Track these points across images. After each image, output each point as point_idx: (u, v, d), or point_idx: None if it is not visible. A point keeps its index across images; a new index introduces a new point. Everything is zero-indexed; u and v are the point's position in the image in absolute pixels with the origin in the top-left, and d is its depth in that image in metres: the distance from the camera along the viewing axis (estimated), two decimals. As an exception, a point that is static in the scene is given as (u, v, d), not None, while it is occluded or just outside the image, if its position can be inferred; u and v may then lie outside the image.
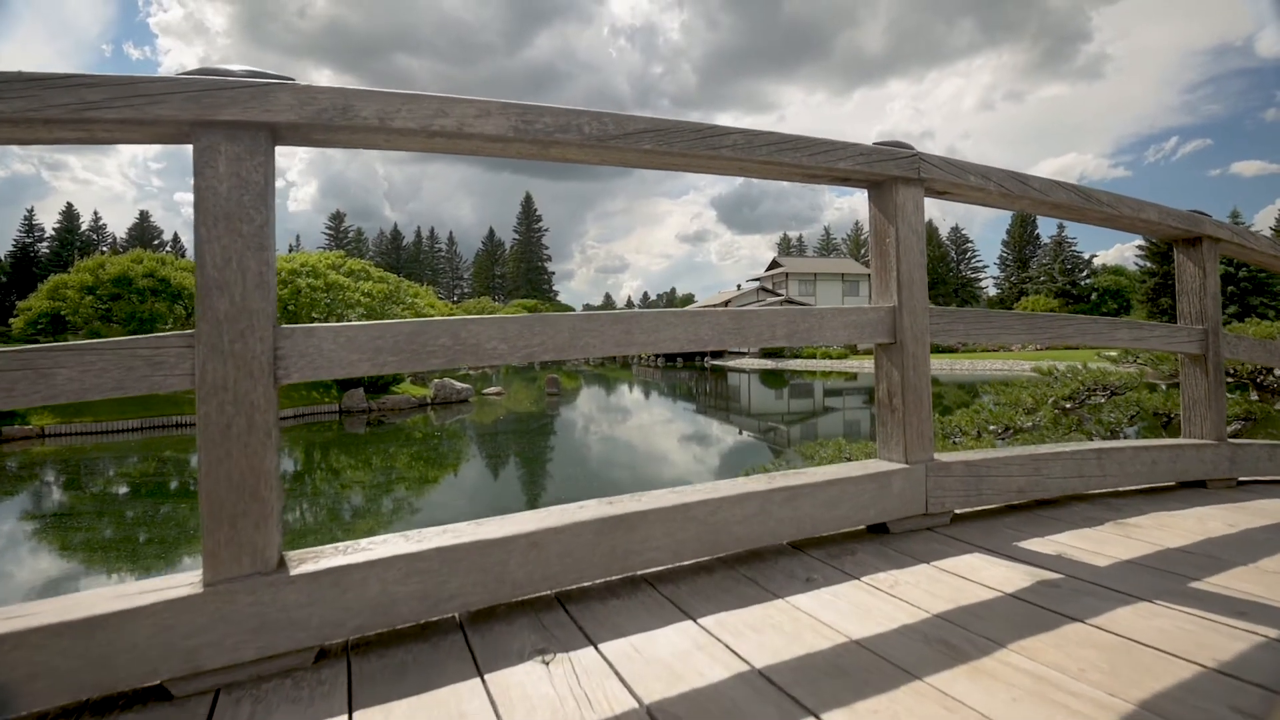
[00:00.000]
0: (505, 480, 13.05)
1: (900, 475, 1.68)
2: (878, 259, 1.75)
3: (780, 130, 1.52)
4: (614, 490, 8.39)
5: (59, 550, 8.76)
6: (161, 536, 9.25)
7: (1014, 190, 1.90)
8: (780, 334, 1.55)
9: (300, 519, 10.48)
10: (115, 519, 10.07)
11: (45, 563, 8.21)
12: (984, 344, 4.03)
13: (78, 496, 11.72)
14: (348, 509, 11.27)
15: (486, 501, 11.02)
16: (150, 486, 12.21)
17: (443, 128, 1.20)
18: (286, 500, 11.47)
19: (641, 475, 14.69)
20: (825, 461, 5.26)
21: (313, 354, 1.15)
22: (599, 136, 1.32)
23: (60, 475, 13.75)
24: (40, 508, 11.02)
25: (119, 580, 8.03)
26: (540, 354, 1.30)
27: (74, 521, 9.75)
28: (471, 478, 13.34)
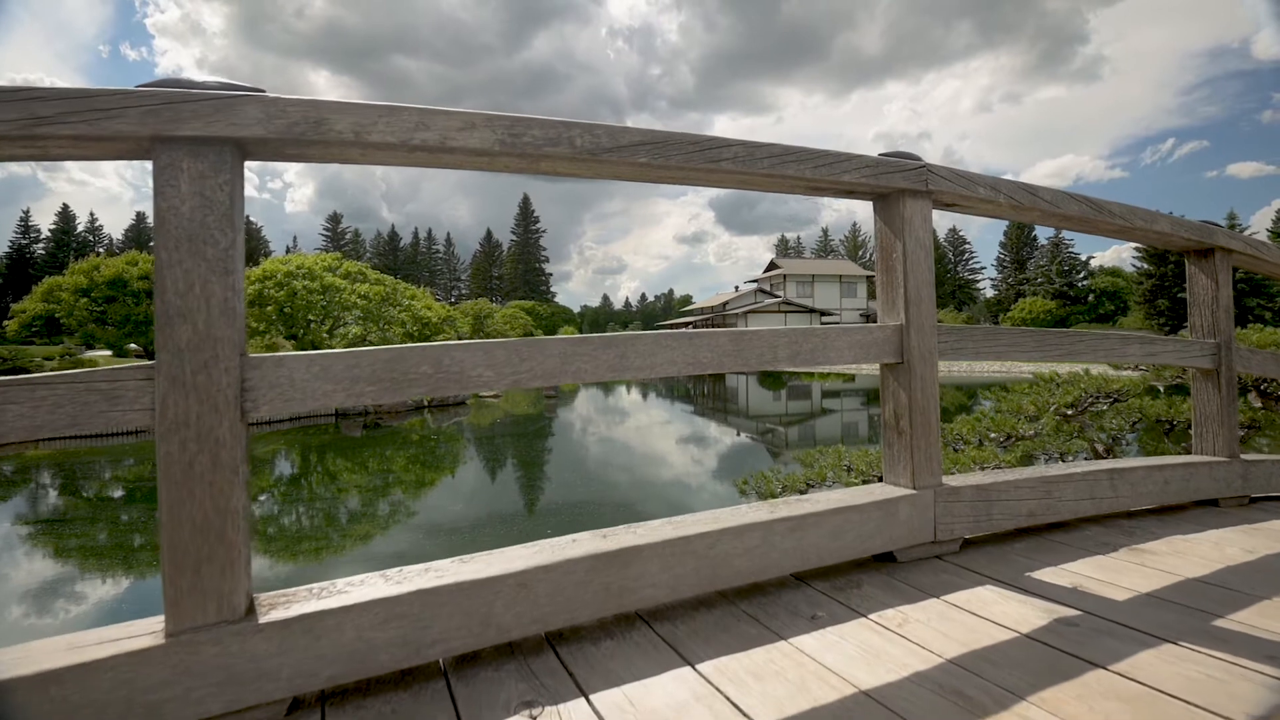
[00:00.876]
0: (503, 483, 12.97)
1: (908, 502, 1.61)
2: (883, 274, 1.68)
3: (783, 142, 1.44)
4: (612, 491, 8.38)
5: (53, 555, 8.67)
6: (155, 543, 9.16)
7: (1024, 202, 1.83)
8: (783, 355, 1.48)
9: (296, 523, 10.39)
10: (110, 524, 9.97)
11: (39, 566, 8.11)
12: (991, 360, 4.00)
13: (72, 501, 11.61)
14: (344, 513, 11.19)
15: (484, 504, 10.94)
16: (145, 490, 12.09)
17: (424, 141, 1.12)
18: (283, 504, 11.37)
19: (640, 477, 14.61)
20: (825, 469, 5.19)
21: (283, 385, 1.08)
22: (591, 150, 1.25)
23: (55, 479, 13.63)
24: (35, 512, 10.90)
25: (113, 581, 7.96)
26: (529, 380, 1.23)
27: (68, 528, 9.65)
28: (469, 481, 13.25)
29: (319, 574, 8.21)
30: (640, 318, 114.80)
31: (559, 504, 11.98)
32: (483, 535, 9.32)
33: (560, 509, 11.49)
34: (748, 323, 52.02)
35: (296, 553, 9.02)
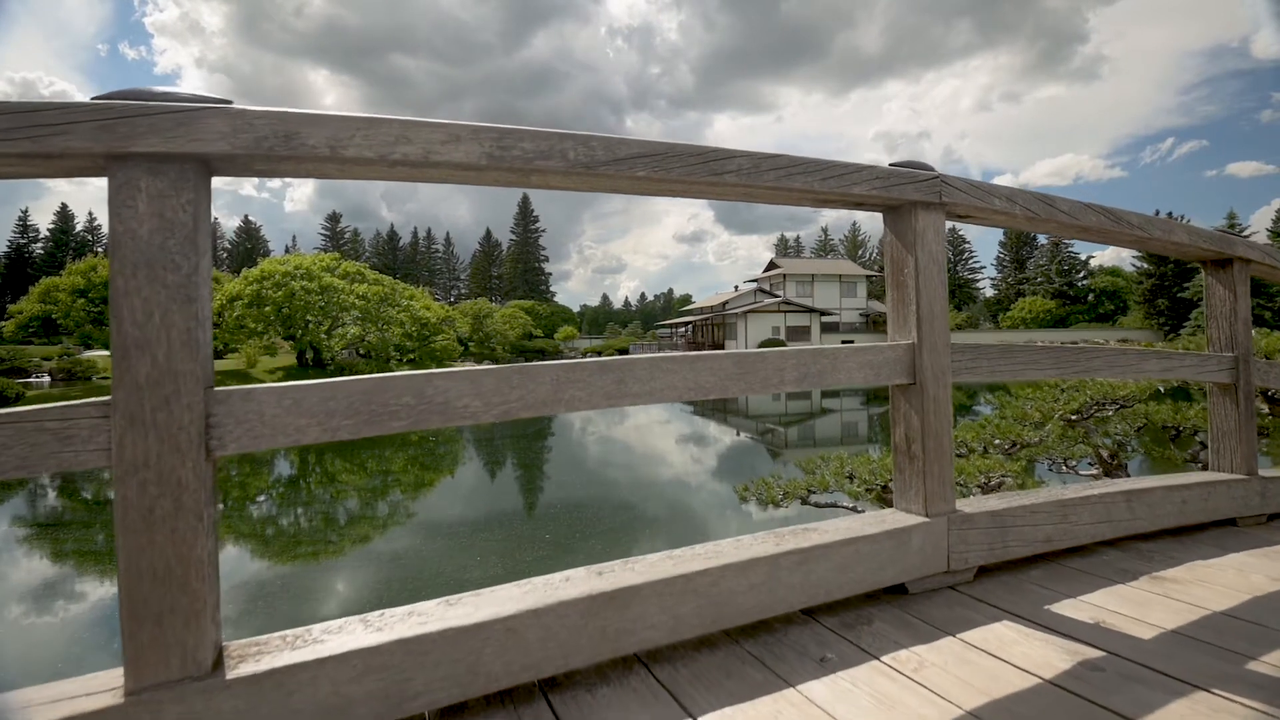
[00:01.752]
0: (502, 483, 12.88)
1: (920, 531, 1.53)
2: (894, 290, 1.60)
3: (790, 153, 1.36)
4: (612, 490, 8.28)
5: (51, 557, 8.61)
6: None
7: (1040, 213, 1.75)
8: (790, 378, 1.40)
9: (294, 525, 10.30)
10: (106, 526, 9.89)
11: (40, 567, 8.04)
12: (1007, 380, 3.91)
13: (69, 503, 11.53)
14: (342, 514, 11.11)
15: (484, 505, 10.86)
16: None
17: (405, 156, 1.04)
18: (281, 507, 11.29)
19: (639, 477, 14.53)
20: (827, 476, 5.10)
21: (252, 420, 1.00)
22: (586, 163, 1.17)
23: (52, 479, 13.54)
24: (33, 514, 10.81)
25: (110, 582, 7.85)
26: (519, 411, 1.15)
27: (64, 532, 9.56)
28: (469, 481, 13.17)
29: (319, 576, 8.16)
30: (640, 317, 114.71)
31: (559, 504, 11.91)
32: (482, 537, 9.26)
33: (561, 510, 11.42)
34: (747, 322, 51.94)
35: (295, 555, 8.95)
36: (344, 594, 7.49)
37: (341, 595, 7.48)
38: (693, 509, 11.46)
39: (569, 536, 8.57)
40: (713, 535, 9.83)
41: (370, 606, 4.59)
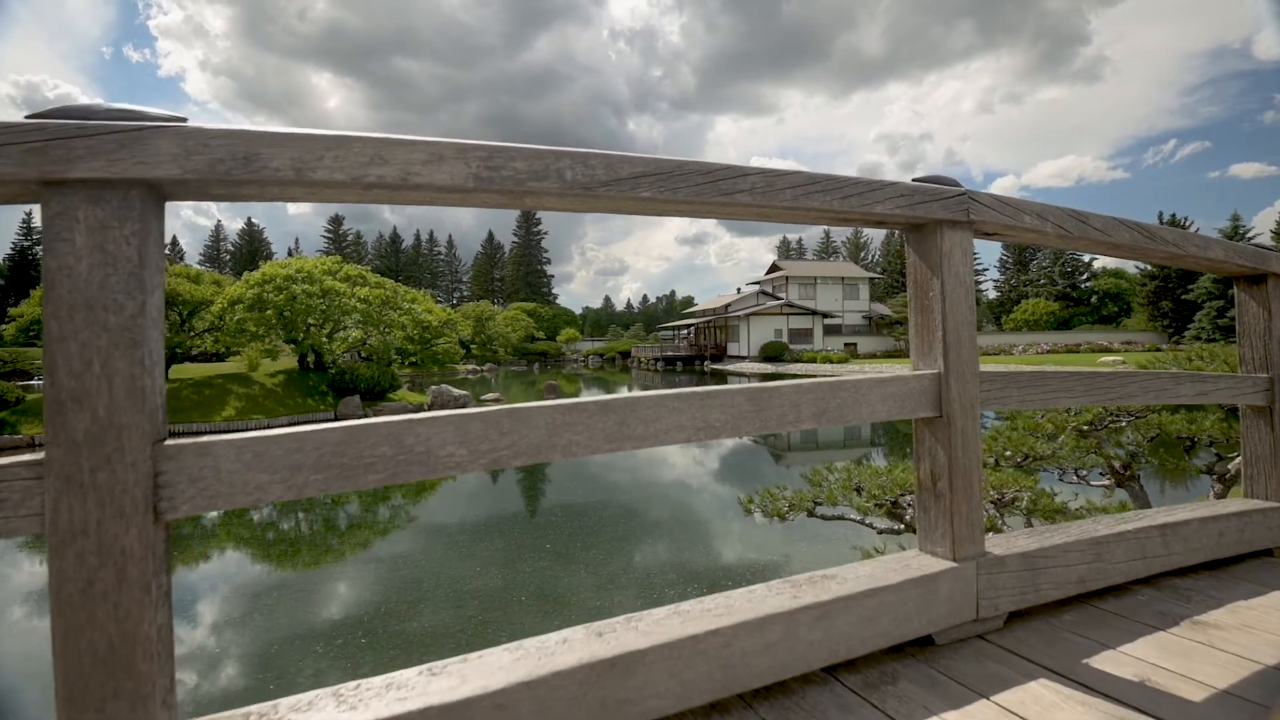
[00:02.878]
0: (504, 486, 12.76)
1: (948, 577, 1.41)
2: (918, 315, 1.48)
3: (807, 169, 1.25)
4: (614, 493, 8.13)
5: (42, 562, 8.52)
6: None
7: (1073, 231, 1.64)
8: (807, 414, 1.28)
9: (295, 529, 10.20)
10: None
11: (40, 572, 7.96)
12: (1037, 407, 3.75)
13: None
14: (343, 518, 11.02)
15: (485, 508, 10.75)
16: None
17: (381, 178, 0.93)
18: (280, 509, 11.18)
19: (641, 479, 14.41)
20: (834, 490, 4.98)
21: (207, 478, 0.88)
22: (584, 184, 1.05)
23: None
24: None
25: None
26: (510, 459, 1.03)
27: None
28: (470, 484, 13.05)
29: (318, 581, 8.06)
30: (642, 319, 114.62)
31: (561, 507, 11.85)
32: (483, 546, 9.16)
33: (562, 517, 11.34)
34: (750, 325, 51.79)
35: (296, 560, 8.86)
36: (345, 597, 7.46)
37: (342, 599, 7.44)
38: (696, 512, 11.38)
39: (570, 545, 8.46)
40: (716, 540, 9.73)
41: (369, 616, 4.50)
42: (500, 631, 5.95)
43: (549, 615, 6.27)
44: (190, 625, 6.47)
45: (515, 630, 5.94)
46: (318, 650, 5.71)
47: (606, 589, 6.96)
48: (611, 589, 6.95)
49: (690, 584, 7.01)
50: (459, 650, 4.68)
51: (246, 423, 19.92)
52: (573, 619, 6.13)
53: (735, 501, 12.33)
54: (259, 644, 5.90)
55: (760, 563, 7.94)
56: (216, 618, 6.61)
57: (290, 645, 5.83)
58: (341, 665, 5.39)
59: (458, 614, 6.45)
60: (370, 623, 6.21)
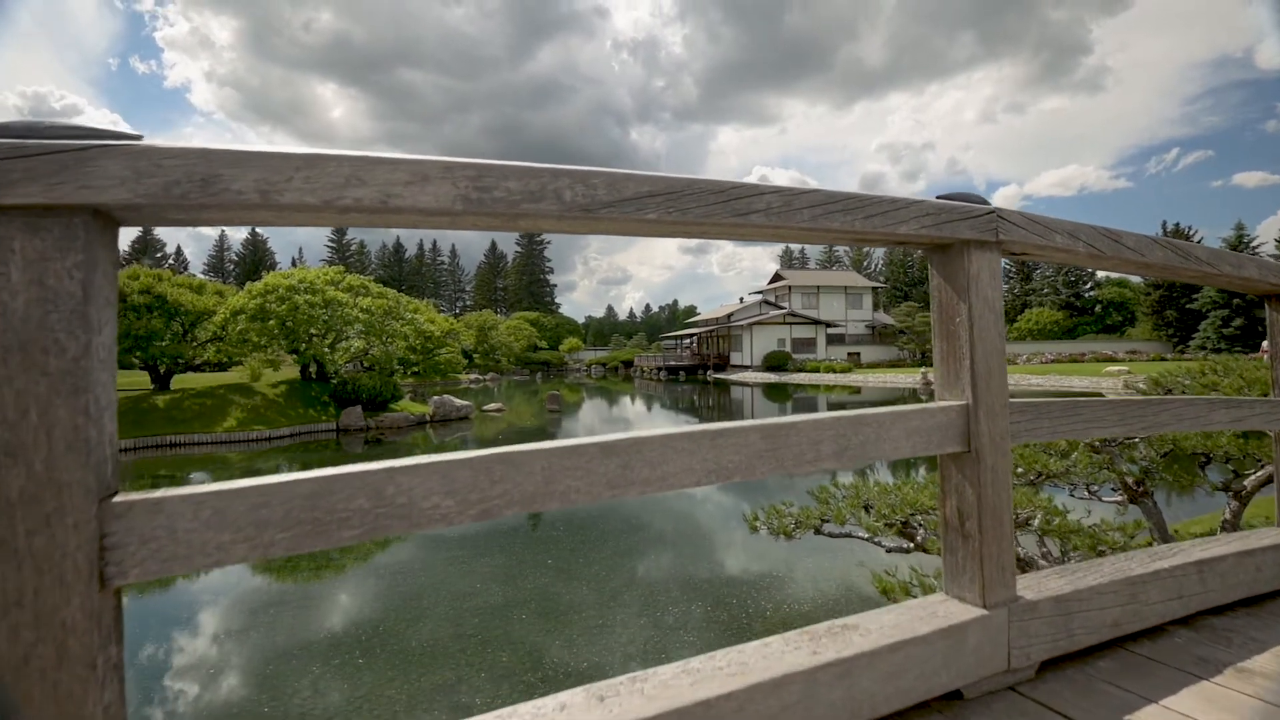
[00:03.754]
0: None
1: (978, 626, 1.30)
2: (943, 342, 1.38)
3: (827, 188, 1.15)
4: (615, 504, 7.83)
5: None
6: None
7: (1105, 250, 1.54)
8: (827, 452, 1.18)
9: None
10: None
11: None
12: (1069, 439, 3.67)
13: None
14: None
15: (486, 525, 10.61)
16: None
17: (358, 201, 0.84)
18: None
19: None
20: (842, 508, 4.86)
21: (161, 538, 0.78)
22: (585, 205, 0.96)
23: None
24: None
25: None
26: (502, 508, 0.93)
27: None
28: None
29: (316, 591, 7.93)
30: (645, 328, 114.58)
31: (562, 522, 11.76)
32: (484, 561, 9.05)
33: (564, 530, 11.29)
34: (753, 335, 51.70)
35: (295, 572, 8.75)
36: (344, 611, 7.38)
37: (342, 612, 7.36)
38: (698, 522, 11.32)
39: (571, 560, 8.33)
40: (720, 551, 9.60)
41: (367, 635, 4.30)
42: (500, 650, 5.83)
43: (550, 634, 6.14)
44: (191, 637, 6.37)
45: (515, 649, 5.81)
46: (314, 670, 5.60)
47: (609, 606, 6.83)
48: (614, 606, 6.82)
49: (694, 600, 6.88)
50: (456, 670, 4.55)
51: (248, 433, 19.85)
52: (574, 636, 6.00)
53: (738, 512, 12.29)
54: (256, 659, 5.79)
55: (764, 574, 7.81)
56: (215, 631, 6.49)
57: (286, 664, 5.71)
58: (339, 687, 5.28)
59: (457, 630, 6.33)
60: (368, 642, 6.09)
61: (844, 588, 7.06)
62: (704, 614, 6.54)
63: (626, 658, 5.70)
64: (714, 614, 6.52)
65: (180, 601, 7.74)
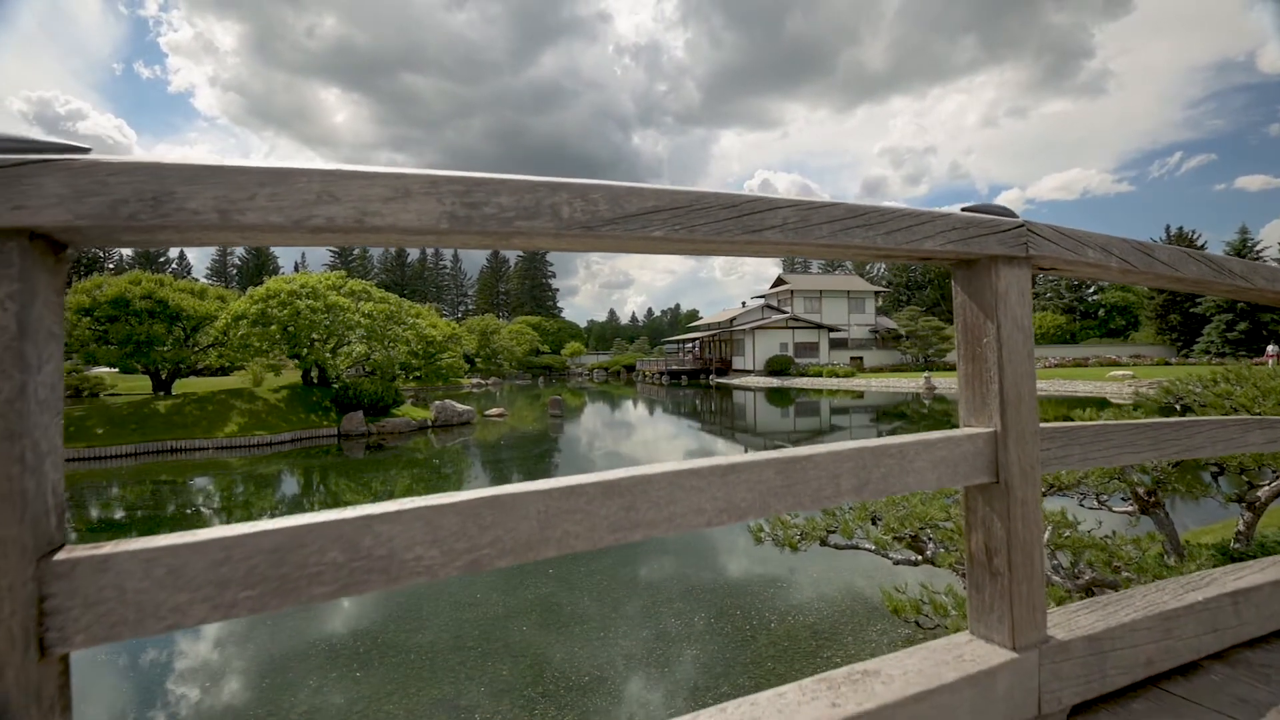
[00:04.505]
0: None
1: (1008, 671, 1.21)
2: (969, 364, 1.29)
3: (846, 200, 1.06)
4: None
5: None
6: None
7: (1138, 265, 1.45)
8: (847, 486, 1.09)
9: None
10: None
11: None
12: (1101, 465, 3.61)
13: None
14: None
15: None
16: (165, 513, 11.72)
17: (331, 220, 0.75)
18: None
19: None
20: (850, 521, 4.76)
21: (109, 600, 0.70)
22: (585, 222, 0.87)
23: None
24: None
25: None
26: (493, 558, 0.85)
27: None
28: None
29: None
30: (647, 332, 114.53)
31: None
32: (485, 576, 8.92)
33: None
34: (755, 339, 51.57)
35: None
36: (344, 618, 7.30)
37: (343, 618, 7.29)
38: (700, 530, 11.15)
39: (572, 571, 8.23)
40: (722, 558, 9.50)
41: (365, 645, 4.18)
42: (500, 662, 5.74)
43: (551, 647, 6.05)
44: (192, 640, 6.28)
45: (516, 661, 5.72)
46: (311, 684, 5.51)
47: (611, 620, 6.73)
48: (616, 619, 6.72)
49: (698, 609, 6.78)
50: (456, 683, 4.44)
51: (249, 438, 19.79)
52: (575, 649, 5.90)
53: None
54: (253, 670, 5.70)
55: (765, 578, 7.71)
56: (212, 637, 6.41)
57: (283, 675, 5.62)
58: (336, 702, 5.18)
59: (456, 640, 6.24)
60: (366, 653, 6.01)
61: (850, 596, 6.97)
62: (706, 625, 6.46)
63: (628, 670, 5.61)
64: (717, 625, 6.43)
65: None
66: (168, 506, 12.89)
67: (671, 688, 5.30)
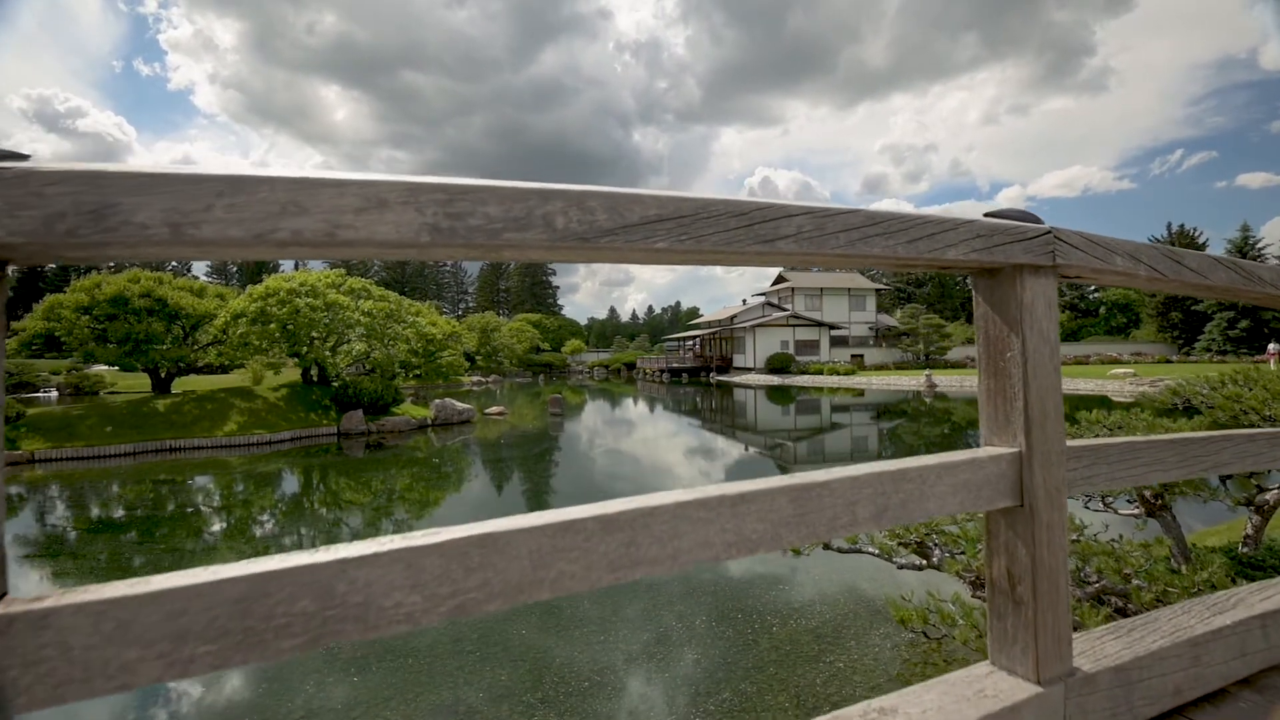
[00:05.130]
0: (509, 497, 12.41)
1: (1032, 706, 1.14)
2: (991, 379, 1.21)
3: (864, 207, 0.99)
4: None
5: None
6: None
7: (1166, 272, 1.38)
8: (864, 514, 1.01)
9: (297, 545, 9.90)
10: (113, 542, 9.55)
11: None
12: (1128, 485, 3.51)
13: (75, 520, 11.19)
14: (346, 533, 10.77)
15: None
16: (160, 512, 11.65)
17: (298, 233, 0.68)
18: (284, 524, 10.92)
19: (647, 488, 14.08)
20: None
21: (52, 659, 0.62)
22: (581, 233, 0.80)
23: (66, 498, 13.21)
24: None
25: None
26: (481, 603, 0.77)
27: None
28: (477, 494, 12.78)
29: None
30: (647, 329, 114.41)
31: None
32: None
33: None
34: (755, 337, 51.47)
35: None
36: None
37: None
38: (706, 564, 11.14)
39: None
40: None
41: (363, 647, 4.03)
42: (500, 666, 5.67)
43: (551, 651, 5.98)
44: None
45: (515, 664, 5.65)
46: (309, 689, 5.45)
47: (611, 622, 6.66)
48: (616, 622, 6.66)
49: (699, 611, 6.72)
50: (454, 688, 4.38)
51: (249, 437, 19.72)
52: (575, 654, 5.83)
53: None
54: (247, 674, 5.64)
55: (765, 576, 7.65)
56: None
57: (280, 682, 5.56)
58: (332, 707, 5.12)
59: (455, 646, 6.17)
60: (364, 660, 5.94)
61: (853, 598, 6.91)
62: (707, 627, 6.41)
63: (628, 673, 5.56)
64: (719, 629, 6.37)
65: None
66: (167, 505, 12.83)
67: (671, 691, 5.24)
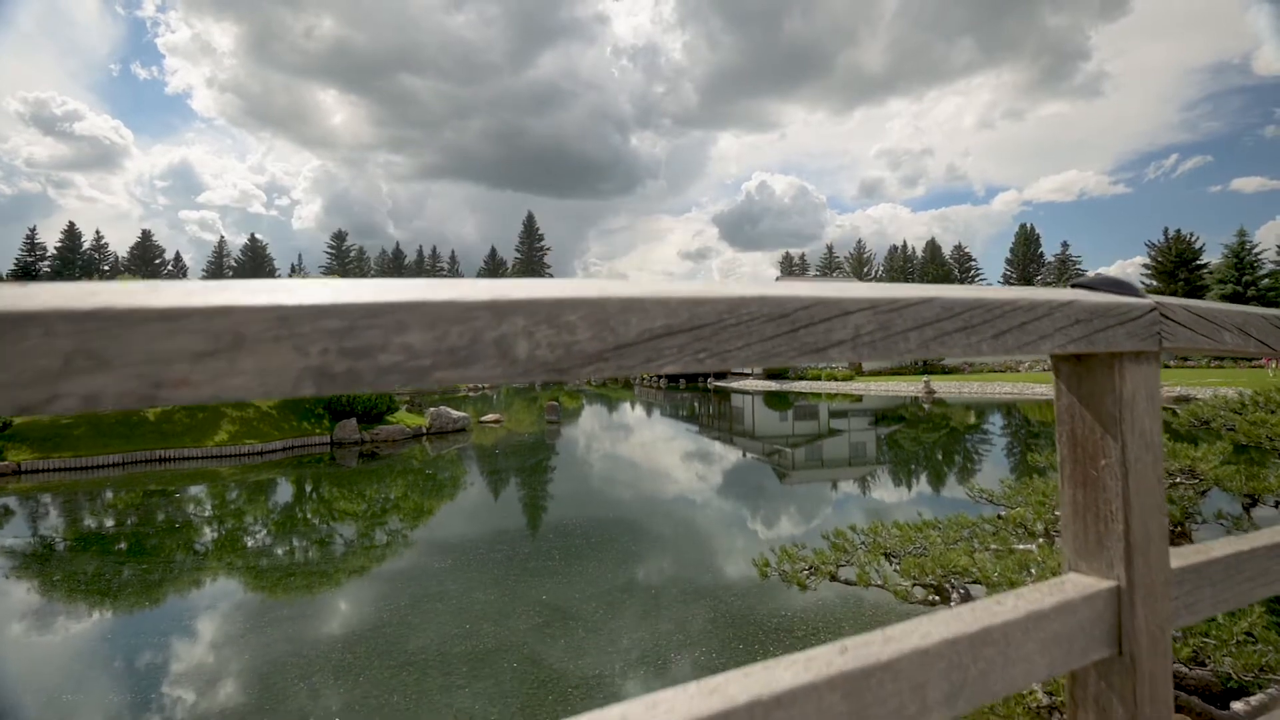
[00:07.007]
0: (505, 503, 12.16)
1: None
2: (1079, 490, 0.96)
3: (945, 293, 0.74)
4: (618, 509, 7.75)
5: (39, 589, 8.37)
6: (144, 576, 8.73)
7: (1275, 344, 1.14)
8: (935, 697, 0.75)
9: (290, 555, 9.65)
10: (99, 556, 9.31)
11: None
12: (1231, 609, 3.45)
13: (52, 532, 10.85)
14: (340, 543, 10.53)
15: (490, 524, 10.12)
16: (143, 528, 11.33)
17: (94, 396, 0.43)
18: (276, 534, 10.65)
19: (644, 492, 13.88)
20: (861, 556, 4.44)
21: None
22: (554, 363, 0.54)
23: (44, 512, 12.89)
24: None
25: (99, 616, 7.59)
26: None
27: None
28: (472, 501, 12.49)
29: (309, 607, 7.60)
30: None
31: (565, 523, 11.66)
32: (485, 559, 8.72)
33: (567, 528, 11.13)
34: (753, 341, 51.20)
35: (289, 587, 8.41)
36: (344, 614, 7.30)
37: (342, 615, 7.27)
38: (698, 527, 11.32)
39: (573, 577, 7.91)
40: (719, 556, 9.29)
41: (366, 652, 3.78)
42: (499, 668, 5.44)
43: (551, 660, 5.74)
44: (190, 645, 6.00)
45: (515, 666, 5.40)
46: (303, 694, 5.30)
47: (612, 630, 6.42)
48: (618, 631, 6.41)
49: (696, 615, 6.53)
50: (452, 691, 4.14)
51: (240, 447, 19.42)
52: (575, 659, 5.59)
53: (736, 515, 12.55)
54: (244, 680, 5.41)
55: (764, 582, 7.48)
56: (209, 641, 6.09)
57: (278, 686, 5.32)
58: (331, 707, 4.92)
59: (458, 648, 5.96)
60: (364, 664, 5.79)
61: (854, 607, 6.76)
62: (702, 630, 6.37)
63: (624, 674, 5.48)
64: (719, 631, 6.27)
65: (170, 615, 7.69)
66: (157, 515, 12.52)
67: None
